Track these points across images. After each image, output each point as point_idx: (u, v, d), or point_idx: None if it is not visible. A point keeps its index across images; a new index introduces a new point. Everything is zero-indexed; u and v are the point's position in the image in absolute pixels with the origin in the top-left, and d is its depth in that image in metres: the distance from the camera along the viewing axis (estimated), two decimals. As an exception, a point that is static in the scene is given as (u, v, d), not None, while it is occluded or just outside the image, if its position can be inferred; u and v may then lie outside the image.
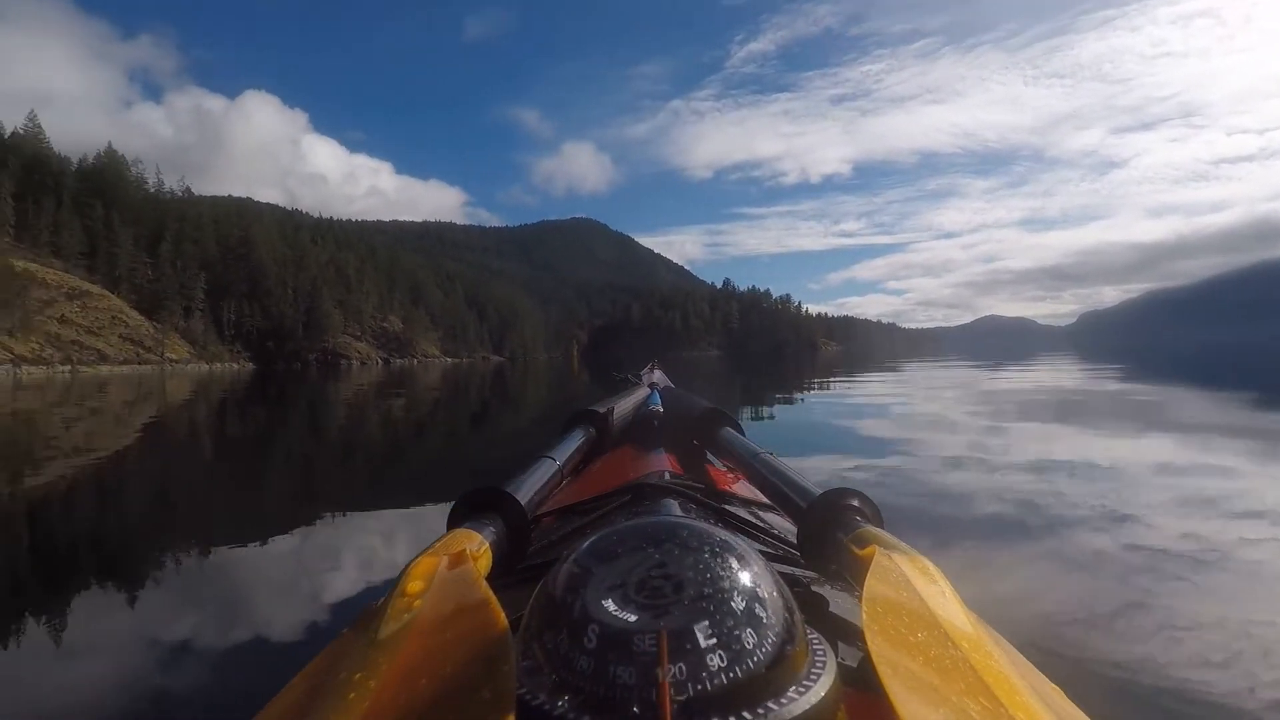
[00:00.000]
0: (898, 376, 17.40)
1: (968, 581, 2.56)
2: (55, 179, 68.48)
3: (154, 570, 2.87)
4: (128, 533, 3.56)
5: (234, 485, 5.02)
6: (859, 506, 0.62)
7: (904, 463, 4.86)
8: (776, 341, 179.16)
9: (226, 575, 2.73)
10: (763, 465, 0.89)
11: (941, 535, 3.05)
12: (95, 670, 1.88)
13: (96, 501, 4.23)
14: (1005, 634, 0.54)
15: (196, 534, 3.46)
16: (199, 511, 4.08)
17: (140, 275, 69.55)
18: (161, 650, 1.98)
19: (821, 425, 7.74)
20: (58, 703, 1.73)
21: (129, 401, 13.91)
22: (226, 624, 2.19)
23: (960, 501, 3.70)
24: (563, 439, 1.16)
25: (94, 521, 3.74)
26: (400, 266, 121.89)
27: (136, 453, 6.29)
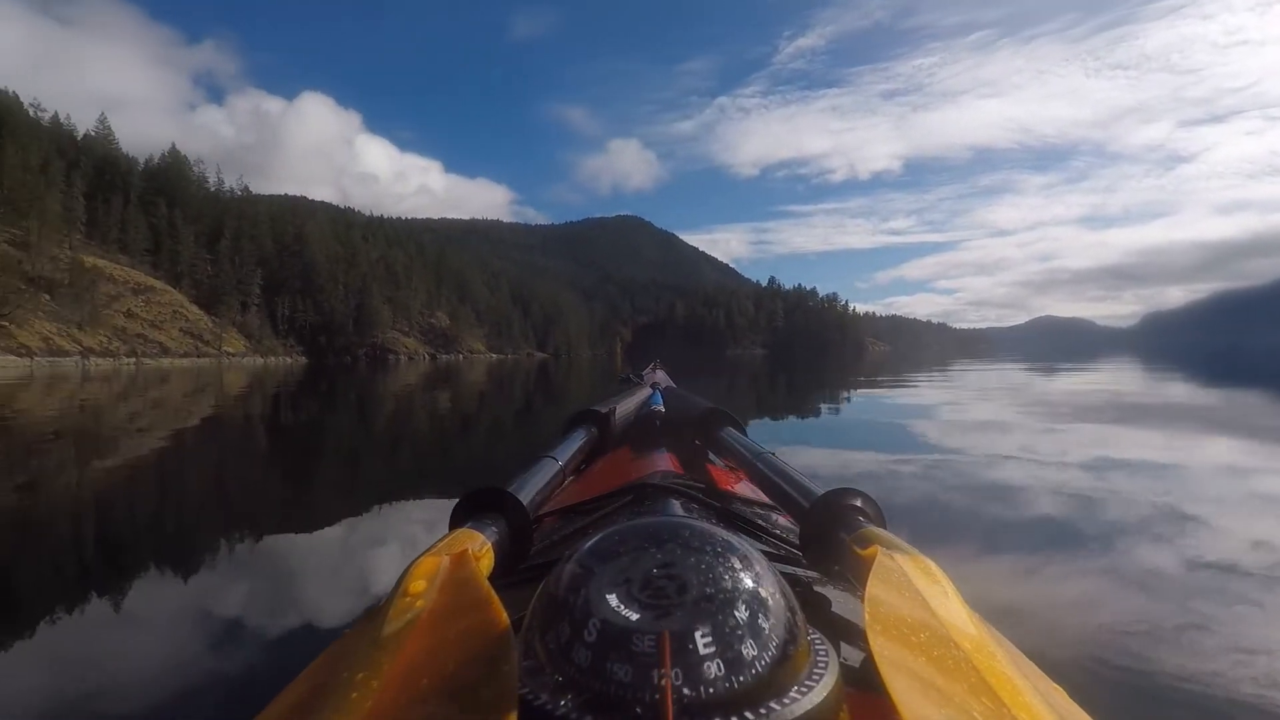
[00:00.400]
0: (946, 378, 16.84)
1: (1002, 588, 2.29)
2: (123, 179, 71.50)
3: (159, 565, 2.82)
4: (149, 525, 3.53)
5: (264, 479, 5.01)
6: (861, 507, 0.62)
7: (941, 465, 4.63)
8: (822, 341, 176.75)
9: (234, 572, 2.67)
10: (765, 465, 0.89)
11: (966, 538, 2.99)
12: (96, 665, 1.81)
13: (123, 495, 4.24)
14: (1013, 636, 0.54)
15: (211, 529, 3.44)
16: (220, 505, 4.07)
17: (200, 271, 72.11)
18: (164, 646, 1.94)
19: (861, 426, 7.46)
20: (55, 698, 1.67)
21: (188, 394, 14.30)
22: (230, 621, 2.13)
23: (1000, 505, 3.58)
24: (564, 439, 1.16)
25: (118, 513, 3.73)
26: (447, 264, 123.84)
27: (188, 445, 6.38)
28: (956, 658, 0.36)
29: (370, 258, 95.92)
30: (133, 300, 60.65)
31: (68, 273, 53.66)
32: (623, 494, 0.90)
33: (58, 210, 59.33)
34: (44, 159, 61.85)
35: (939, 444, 5.68)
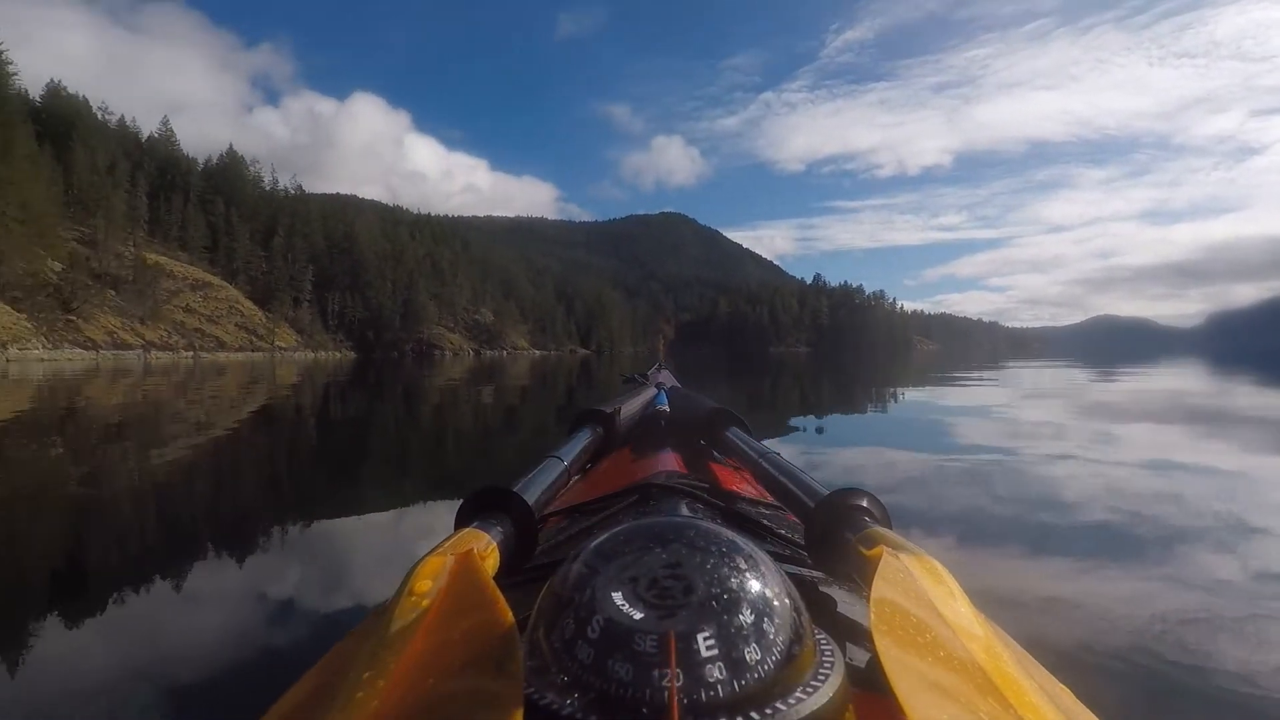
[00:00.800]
0: (996, 379, 16.32)
1: (1044, 589, 2.25)
2: (184, 178, 74.17)
3: (182, 555, 2.81)
4: (178, 515, 3.56)
5: (298, 472, 5.04)
6: (867, 507, 0.62)
7: (983, 468, 4.42)
8: (868, 339, 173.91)
9: (248, 567, 2.65)
10: (770, 465, 0.89)
11: (1004, 542, 2.91)
12: (99, 661, 1.80)
13: (165, 485, 4.30)
14: (1027, 637, 0.53)
15: (232, 523, 3.45)
16: (248, 498, 4.08)
17: (255, 268, 74.38)
18: (172, 641, 1.91)
19: (904, 426, 7.23)
20: (53, 691, 1.65)
21: (242, 386, 14.67)
22: (241, 617, 2.11)
23: (1044, 511, 3.45)
24: (570, 439, 1.16)
25: (153, 503, 3.77)
26: (492, 261, 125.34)
27: (237, 437, 6.49)
28: (962, 658, 0.36)
29: (417, 255, 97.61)
30: (191, 296, 62.85)
31: (131, 269, 55.84)
32: (628, 494, 0.90)
33: (123, 209, 61.85)
34: (111, 160, 64.56)
35: (983, 446, 5.45)
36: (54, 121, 63.71)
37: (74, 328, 46.18)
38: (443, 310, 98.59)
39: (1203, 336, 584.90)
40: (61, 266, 48.78)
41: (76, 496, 3.97)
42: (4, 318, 39.30)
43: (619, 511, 0.85)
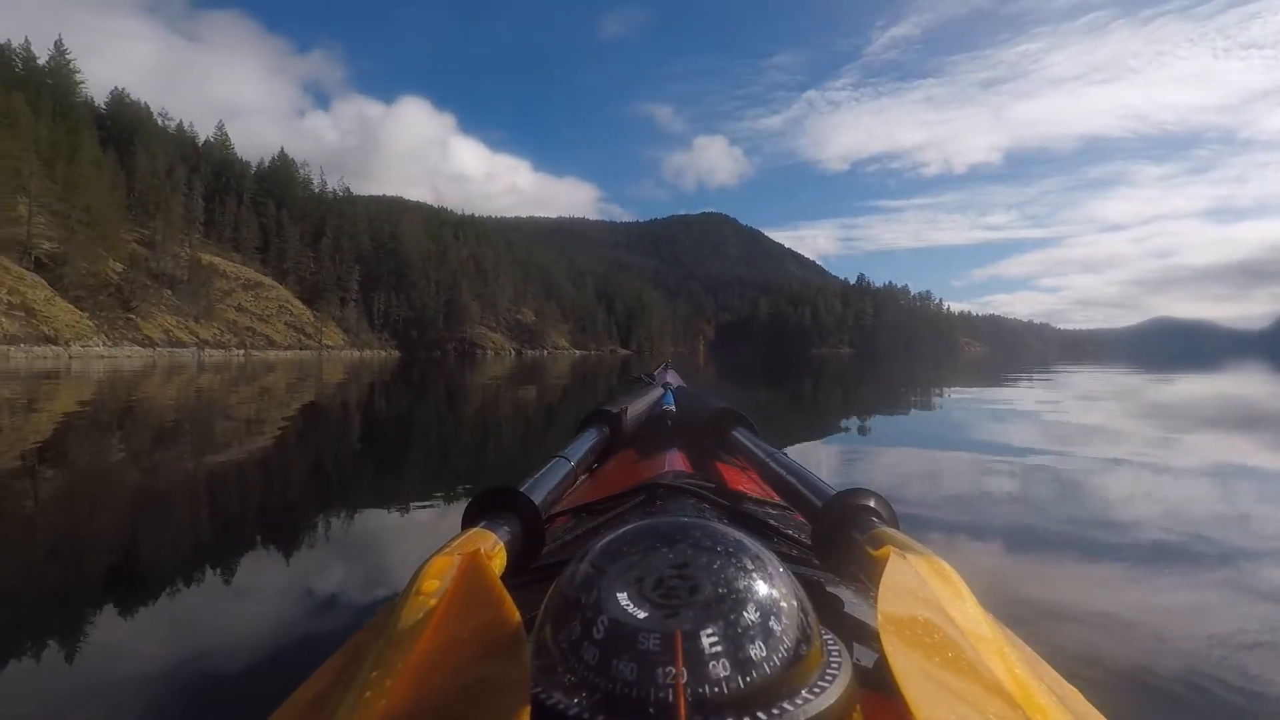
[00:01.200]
0: (1046, 382, 15.75)
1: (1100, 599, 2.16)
2: (237, 181, 76.63)
3: (189, 555, 2.80)
4: (204, 513, 3.56)
5: (335, 468, 5.02)
6: (874, 507, 0.62)
7: (1031, 470, 4.17)
8: (913, 340, 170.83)
9: (263, 565, 2.61)
10: (777, 465, 0.89)
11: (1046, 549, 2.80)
12: (104, 658, 1.77)
13: (203, 480, 4.31)
14: (1033, 637, 0.53)
15: (255, 521, 3.45)
16: (275, 495, 4.07)
17: (304, 268, 76.34)
18: (176, 643, 1.87)
19: (950, 429, 6.95)
20: (57, 689, 1.62)
21: (291, 383, 14.98)
22: (251, 615, 2.08)
23: (1094, 517, 3.31)
24: (576, 439, 1.17)
25: (185, 499, 3.77)
26: (534, 261, 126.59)
27: (283, 434, 6.56)
28: (970, 658, 0.36)
29: (460, 255, 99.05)
30: (243, 295, 64.77)
31: (187, 269, 57.78)
32: (634, 494, 0.90)
33: (180, 211, 64.11)
34: (170, 164, 67.02)
35: (1028, 449, 5.18)
36: (117, 127, 66.42)
37: (132, 326, 47.94)
38: (485, 310, 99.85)
39: (1270, 339, 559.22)
40: (122, 267, 50.69)
41: (132, 489, 4.05)
42: (67, 316, 40.97)
43: (626, 511, 0.85)
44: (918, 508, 3.42)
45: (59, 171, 49.54)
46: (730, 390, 14.11)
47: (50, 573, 2.61)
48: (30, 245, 44.56)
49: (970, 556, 2.67)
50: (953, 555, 2.70)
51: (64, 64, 64.39)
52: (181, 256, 59.35)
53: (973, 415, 8.50)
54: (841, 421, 8.00)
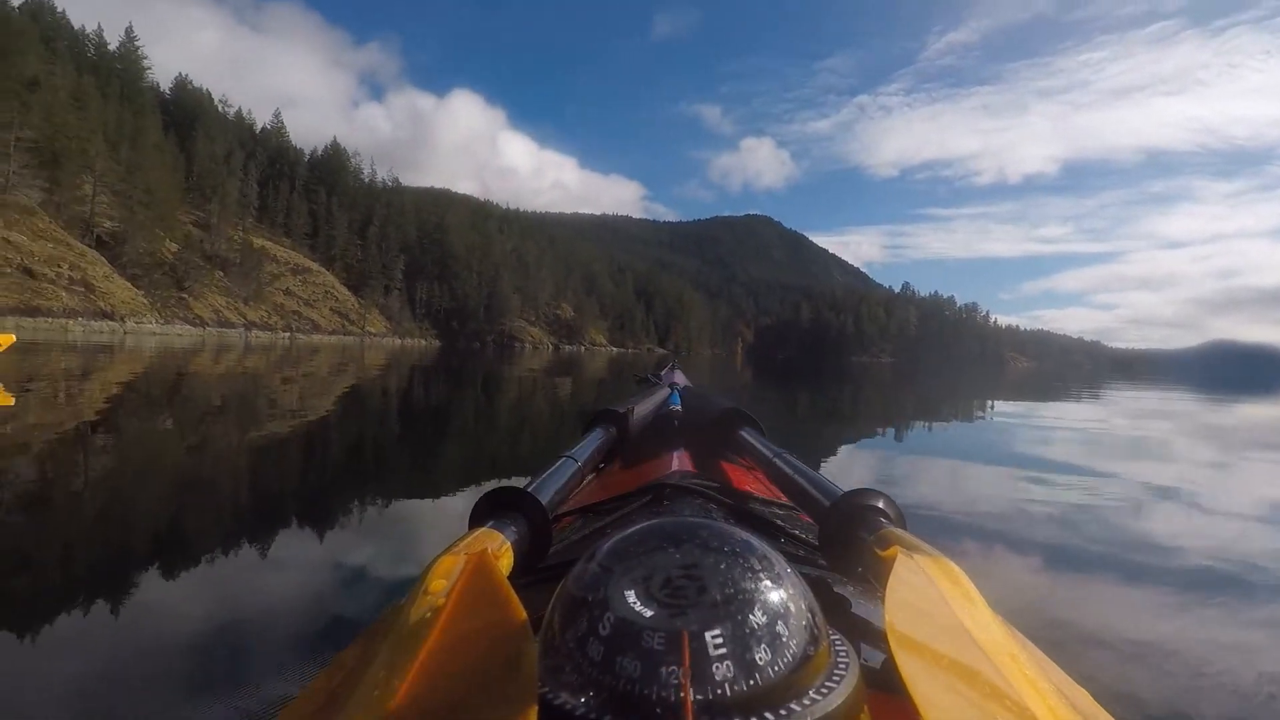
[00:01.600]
0: (1096, 401, 15.27)
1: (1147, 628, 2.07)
2: (291, 168, 78.65)
3: (213, 530, 2.81)
4: (249, 493, 3.58)
5: (364, 453, 5.06)
6: (882, 508, 0.62)
7: (1071, 493, 4.00)
8: (958, 353, 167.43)
9: (282, 547, 2.61)
10: (784, 465, 0.89)
11: None
12: (111, 657, 1.76)
13: (242, 459, 4.35)
14: (1067, 661, 0.53)
15: (279, 500, 3.46)
16: (304, 476, 4.08)
17: (351, 255, 77.97)
18: (185, 642, 1.84)
19: (991, 447, 6.75)
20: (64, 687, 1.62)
21: (333, 368, 15.26)
22: (256, 617, 2.03)
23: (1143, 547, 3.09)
24: (583, 439, 1.17)
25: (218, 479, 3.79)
26: (576, 257, 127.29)
27: (324, 416, 6.67)
28: (978, 659, 0.36)
29: (504, 248, 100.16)
30: (291, 279, 66.40)
31: (239, 252, 59.47)
32: (641, 494, 0.90)
33: (235, 195, 66.05)
34: (228, 150, 69.04)
35: (1076, 467, 5.00)
36: (180, 112, 68.68)
37: (184, 305, 49.47)
38: (525, 304, 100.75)
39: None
40: (177, 247, 52.34)
41: (175, 460, 4.15)
42: (124, 293, 42.45)
43: (633, 512, 0.85)
44: (950, 519, 3.33)
45: (123, 153, 51.43)
46: (769, 396, 13.98)
47: (95, 535, 2.69)
48: (93, 223, 46.31)
49: (1004, 572, 2.60)
50: (988, 569, 2.62)
51: (133, 50, 66.79)
52: (234, 239, 61.13)
53: (1013, 431, 8.26)
54: (880, 430, 7.85)
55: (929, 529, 3.09)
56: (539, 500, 0.65)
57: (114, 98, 56.01)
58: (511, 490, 0.65)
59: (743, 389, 15.89)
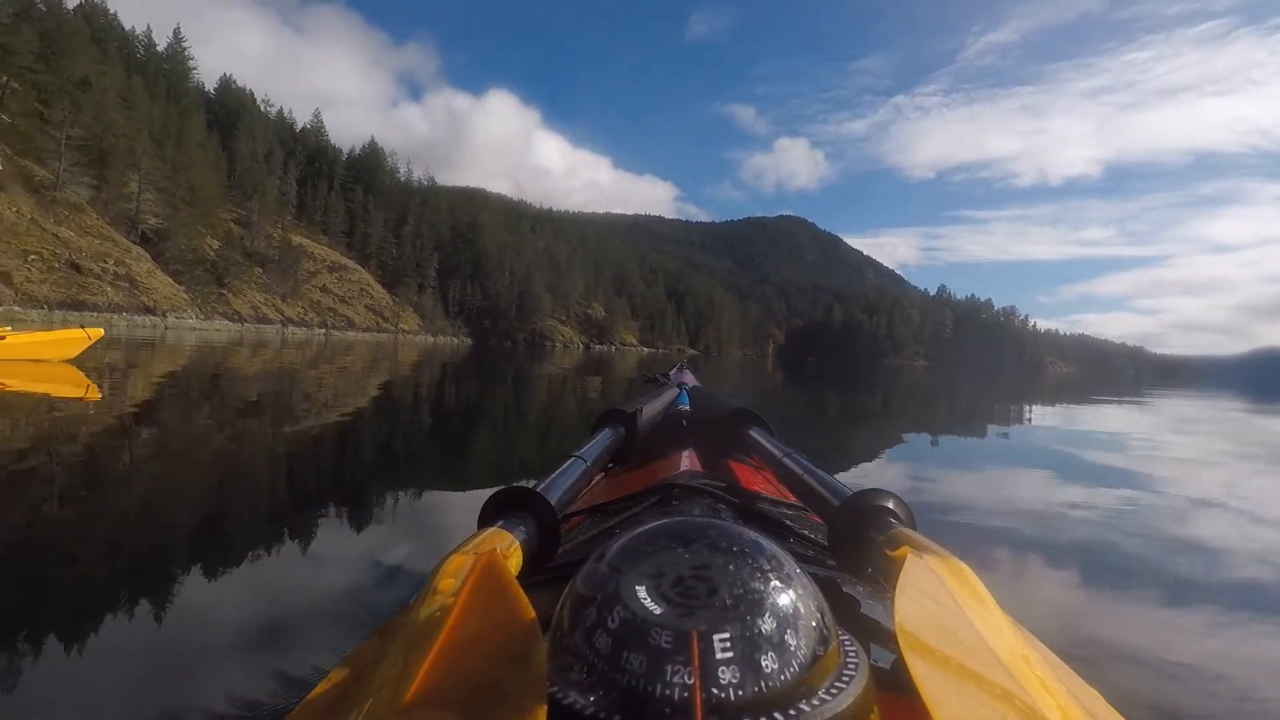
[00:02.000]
0: (1139, 408, 14.67)
1: None
2: (329, 167, 79.93)
3: (248, 520, 2.81)
4: (268, 491, 3.50)
5: (401, 447, 4.96)
6: (892, 508, 0.61)
7: (1115, 503, 3.69)
8: (994, 357, 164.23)
9: (281, 564, 2.52)
10: (792, 465, 0.89)
11: None
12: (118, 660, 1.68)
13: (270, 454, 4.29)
14: (1100, 679, 0.52)
15: (311, 491, 3.44)
16: (336, 468, 4.05)
17: (386, 254, 78.93)
18: (194, 642, 1.76)
19: (1028, 454, 6.40)
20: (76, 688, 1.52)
21: (367, 364, 15.35)
22: (265, 617, 1.94)
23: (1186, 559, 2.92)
24: (592, 439, 1.17)
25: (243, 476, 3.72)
26: (608, 256, 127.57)
27: (355, 412, 6.61)
28: (989, 659, 0.36)
29: (536, 248, 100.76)
30: (328, 277, 67.43)
31: (278, 249, 60.51)
32: (650, 494, 0.90)
33: (275, 194, 67.32)
34: (268, 148, 70.38)
35: (1115, 474, 4.66)
36: (223, 111, 70.22)
37: (224, 301, 50.47)
38: (556, 303, 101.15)
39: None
40: (218, 244, 53.43)
41: (213, 451, 4.19)
42: (166, 288, 43.41)
43: (641, 512, 0.85)
44: (981, 526, 3.23)
45: (168, 152, 52.66)
46: (799, 398, 13.69)
47: (135, 521, 2.72)
48: (138, 220, 47.45)
49: (1035, 585, 2.48)
50: (1019, 580, 2.39)
51: (180, 51, 68.54)
52: (274, 237, 62.25)
53: (1048, 436, 7.88)
54: (911, 434, 7.55)
55: (961, 536, 2.99)
56: (548, 500, 0.65)
57: (160, 97, 57.46)
58: (520, 490, 0.65)
59: (772, 390, 15.63)
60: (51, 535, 2.45)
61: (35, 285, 34.07)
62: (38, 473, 3.22)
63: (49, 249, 36.62)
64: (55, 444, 3.87)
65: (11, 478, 3.11)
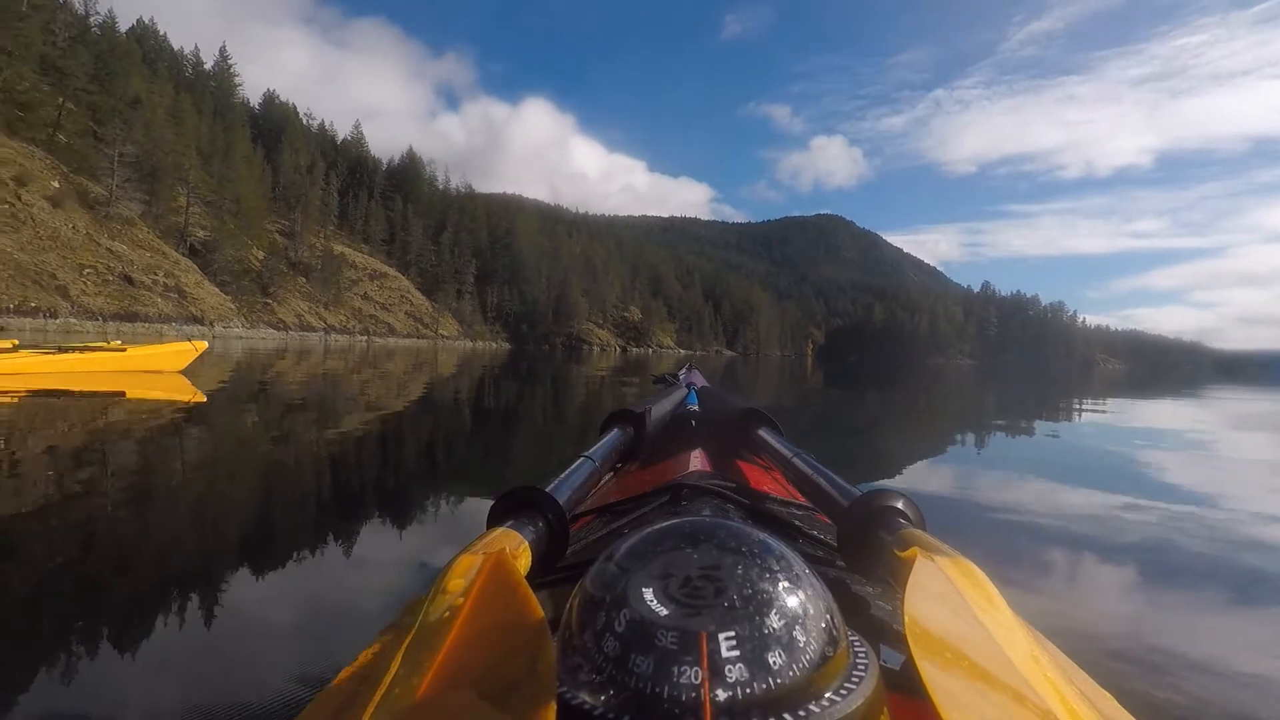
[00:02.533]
0: (1199, 407, 13.98)
1: None
2: (369, 177, 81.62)
3: (297, 525, 2.86)
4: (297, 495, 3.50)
5: (441, 452, 4.97)
6: (901, 509, 0.62)
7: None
8: (1042, 354, 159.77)
9: (292, 564, 2.48)
10: (801, 465, 0.89)
11: None
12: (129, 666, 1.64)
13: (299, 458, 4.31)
14: (1057, 640, 0.53)
15: (355, 493, 3.50)
16: (379, 472, 4.08)
17: (425, 261, 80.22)
18: (202, 643, 1.76)
19: (1080, 457, 6.05)
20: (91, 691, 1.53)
21: (407, 370, 15.54)
22: (273, 617, 1.98)
23: None
24: (601, 439, 1.17)
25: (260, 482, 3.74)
26: (644, 259, 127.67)
27: (395, 417, 6.63)
28: (999, 661, 0.36)
29: (573, 252, 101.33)
30: (369, 284, 68.78)
31: (321, 258, 61.89)
32: (659, 494, 0.90)
33: (318, 204, 68.90)
34: (311, 161, 72.16)
35: (1173, 480, 4.32)
36: (267, 125, 72.25)
37: (269, 310, 51.79)
38: (593, 306, 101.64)
39: None
40: (263, 254, 54.88)
41: (262, 455, 4.29)
42: (213, 298, 44.72)
43: (650, 512, 0.85)
44: (995, 526, 3.15)
45: (215, 166, 54.33)
46: (838, 396, 13.41)
47: (185, 521, 2.82)
48: (187, 233, 49.01)
49: (1048, 587, 2.36)
50: (1033, 581, 2.22)
51: (226, 69, 70.73)
52: (316, 246, 63.69)
53: (1099, 436, 7.52)
54: (958, 437, 7.27)
55: (979, 536, 2.92)
56: (556, 500, 0.65)
57: (208, 114, 59.34)
58: (529, 490, 0.65)
59: (812, 393, 15.32)
60: (192, 501, 3.01)
61: (90, 298, 35.38)
62: (169, 456, 3.90)
63: (103, 263, 38.02)
64: (185, 437, 4.56)
65: (152, 461, 3.78)
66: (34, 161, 39.57)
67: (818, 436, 6.60)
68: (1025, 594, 2.14)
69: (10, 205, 35.31)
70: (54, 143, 42.45)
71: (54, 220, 37.10)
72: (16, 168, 37.55)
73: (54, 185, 39.13)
